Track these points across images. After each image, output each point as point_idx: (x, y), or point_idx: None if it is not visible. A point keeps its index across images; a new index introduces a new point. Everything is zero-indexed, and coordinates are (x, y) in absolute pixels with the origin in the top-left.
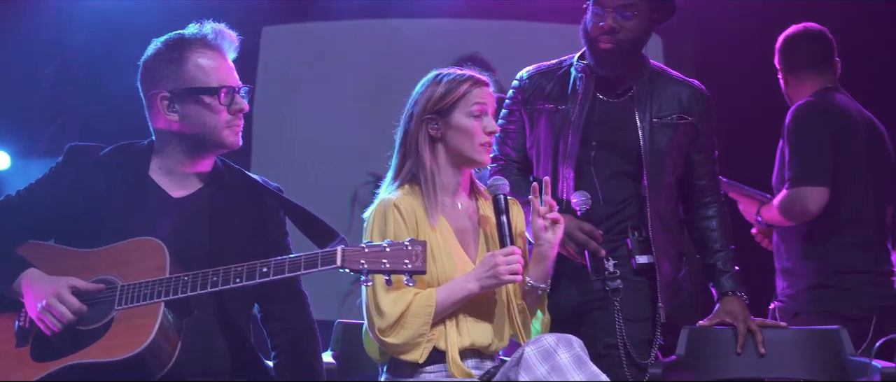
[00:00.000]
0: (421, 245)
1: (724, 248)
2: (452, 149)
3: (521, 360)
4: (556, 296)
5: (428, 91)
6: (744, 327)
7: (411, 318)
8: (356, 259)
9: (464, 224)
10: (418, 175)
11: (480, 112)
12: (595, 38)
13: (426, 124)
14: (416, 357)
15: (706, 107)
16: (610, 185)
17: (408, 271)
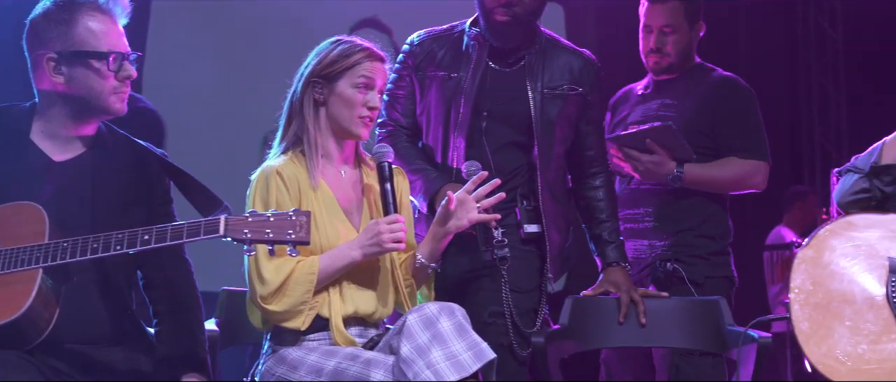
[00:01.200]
0: (305, 215)
1: (610, 218)
2: (332, 116)
3: (403, 328)
4: (444, 266)
5: (321, 55)
6: (627, 297)
7: (293, 285)
8: (239, 228)
9: (348, 192)
10: (302, 139)
11: (365, 85)
12: (491, 10)
13: (312, 87)
14: (298, 324)
15: (596, 78)
16: (500, 154)
17: (291, 241)
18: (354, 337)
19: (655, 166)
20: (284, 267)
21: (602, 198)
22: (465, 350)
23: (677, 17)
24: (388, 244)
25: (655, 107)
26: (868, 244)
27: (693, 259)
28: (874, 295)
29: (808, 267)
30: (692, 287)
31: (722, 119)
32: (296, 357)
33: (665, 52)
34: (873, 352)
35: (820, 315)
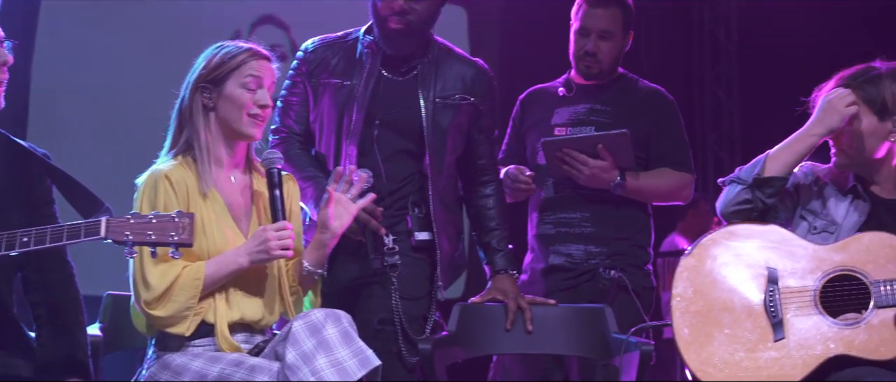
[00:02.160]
0: (188, 217)
1: (499, 227)
2: (222, 119)
3: (288, 334)
4: (334, 271)
5: (206, 60)
6: (514, 304)
7: (179, 291)
8: (121, 230)
9: (237, 198)
10: (193, 145)
11: (254, 84)
12: (385, 18)
13: (200, 92)
14: (182, 329)
15: (489, 88)
16: (392, 162)
17: (174, 243)
18: (240, 344)
19: (601, 172)
20: (170, 272)
21: (492, 207)
22: (351, 356)
23: (615, 23)
24: (275, 251)
25: (584, 111)
26: (748, 254)
27: (632, 268)
28: (753, 304)
29: (690, 275)
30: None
31: (657, 130)
32: (180, 363)
33: (599, 58)
34: (749, 360)
35: (700, 322)
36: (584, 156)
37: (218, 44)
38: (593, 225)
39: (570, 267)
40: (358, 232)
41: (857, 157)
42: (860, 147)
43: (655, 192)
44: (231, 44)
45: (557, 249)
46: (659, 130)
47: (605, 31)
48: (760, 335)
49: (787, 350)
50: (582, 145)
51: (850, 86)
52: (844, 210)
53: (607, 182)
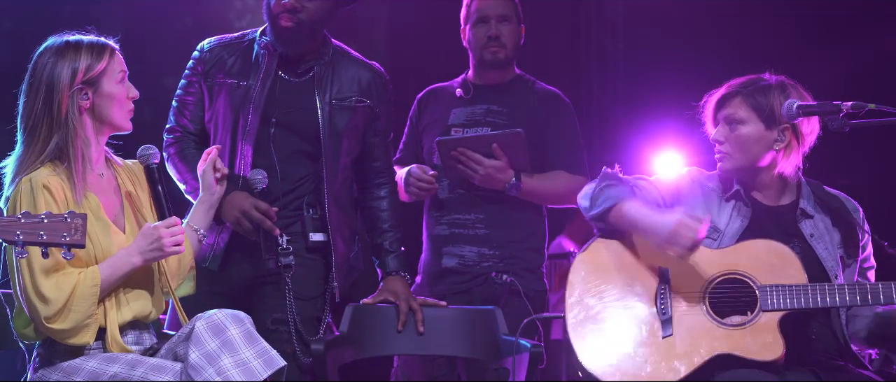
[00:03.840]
0: (81, 218)
1: (392, 229)
2: (100, 117)
3: (191, 335)
4: (228, 271)
5: (68, 60)
6: (405, 305)
7: (78, 301)
8: (11, 229)
9: (110, 197)
10: (67, 150)
11: (123, 77)
12: (276, 15)
13: (76, 96)
14: (86, 340)
15: (384, 91)
16: (288, 163)
17: (66, 244)
18: (130, 345)
19: (496, 172)
20: (65, 283)
21: (386, 209)
22: (255, 357)
23: (509, 8)
24: (169, 248)
25: (481, 112)
26: (641, 254)
27: (524, 272)
28: (643, 302)
29: (584, 272)
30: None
31: (552, 133)
32: (72, 364)
33: (502, 42)
34: (638, 355)
35: (591, 317)
36: (479, 155)
37: (61, 41)
38: (487, 226)
39: (463, 271)
40: (252, 232)
41: (741, 161)
42: (746, 151)
43: (550, 194)
44: (81, 38)
45: (451, 250)
46: (554, 132)
47: (503, 16)
48: (649, 331)
49: (673, 347)
50: (477, 144)
51: (741, 93)
52: (727, 216)
53: (502, 182)
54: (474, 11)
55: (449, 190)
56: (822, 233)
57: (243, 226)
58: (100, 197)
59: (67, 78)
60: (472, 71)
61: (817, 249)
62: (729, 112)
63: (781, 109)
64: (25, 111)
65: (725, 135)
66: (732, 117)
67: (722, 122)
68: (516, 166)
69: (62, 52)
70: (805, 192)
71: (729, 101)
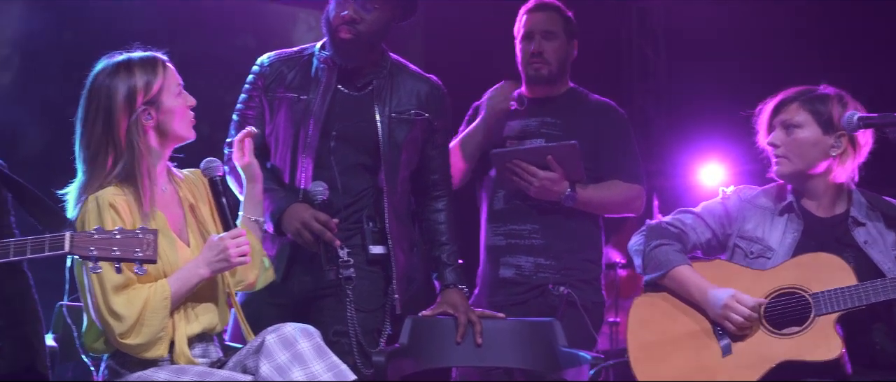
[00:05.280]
0: (152, 233)
1: (450, 242)
2: (164, 133)
3: (262, 347)
4: (289, 283)
5: (124, 82)
6: (464, 317)
7: (150, 316)
8: (85, 245)
9: (175, 211)
10: (133, 172)
11: (181, 90)
12: (336, 28)
13: (140, 117)
14: (159, 353)
15: (442, 104)
16: (348, 176)
17: (138, 259)
18: (197, 357)
19: (551, 184)
20: (136, 298)
21: (443, 221)
22: (326, 370)
23: (556, 24)
24: (235, 259)
25: (536, 124)
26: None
27: (581, 283)
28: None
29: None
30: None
31: (607, 143)
32: (142, 374)
33: (546, 58)
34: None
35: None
36: (534, 167)
37: (113, 63)
38: (543, 237)
39: (521, 281)
40: (313, 244)
41: (798, 165)
42: (802, 156)
43: (606, 204)
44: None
45: (507, 260)
46: (609, 143)
47: (547, 31)
48: (710, 353)
49: (734, 363)
50: (532, 156)
51: (798, 99)
52: (780, 232)
53: (557, 194)
54: (523, 26)
55: (505, 201)
56: (876, 238)
57: (304, 238)
58: (164, 212)
59: (125, 99)
60: (523, 84)
61: (872, 254)
62: (786, 117)
63: (841, 120)
64: (85, 138)
65: (782, 139)
66: (789, 121)
67: (778, 127)
68: (571, 177)
69: (115, 73)
70: (856, 201)
71: (786, 106)
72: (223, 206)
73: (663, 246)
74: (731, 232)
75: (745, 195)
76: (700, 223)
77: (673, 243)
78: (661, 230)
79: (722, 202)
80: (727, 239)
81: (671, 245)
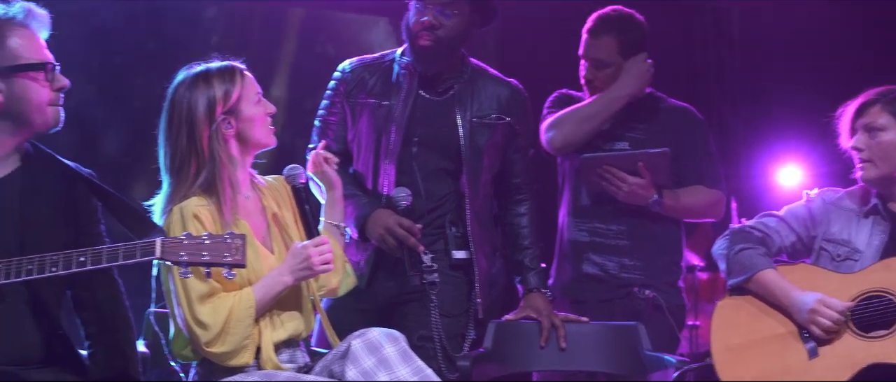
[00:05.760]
0: (240, 238)
1: (532, 245)
2: (245, 141)
3: (348, 353)
4: (373, 289)
5: (203, 93)
6: (548, 321)
7: (235, 324)
8: (176, 250)
9: (257, 219)
10: (215, 182)
11: (260, 98)
12: (416, 34)
13: (220, 126)
14: (245, 360)
15: (523, 108)
16: (430, 181)
17: (228, 264)
18: (284, 363)
19: (640, 189)
20: (221, 307)
21: (526, 225)
22: (411, 375)
23: (610, 52)
24: (318, 267)
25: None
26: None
27: (666, 286)
28: (788, 332)
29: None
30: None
31: (687, 148)
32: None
33: (595, 85)
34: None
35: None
36: (624, 173)
37: (192, 74)
38: (629, 238)
39: (605, 279)
40: (397, 249)
41: (884, 169)
42: (887, 159)
43: (690, 209)
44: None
45: (590, 257)
46: (689, 148)
47: (598, 61)
48: (797, 358)
49: (821, 367)
50: (621, 162)
51: (880, 101)
52: (866, 234)
53: (645, 199)
54: (582, 43)
55: (590, 199)
56: None
57: (388, 244)
58: (248, 220)
59: (205, 110)
60: None
61: None
62: (868, 120)
63: None
64: (169, 150)
65: (865, 143)
66: (872, 125)
67: (861, 131)
68: (658, 183)
69: (194, 84)
70: None
71: (867, 110)
72: (306, 213)
73: (747, 249)
74: (816, 234)
75: (829, 197)
76: (784, 226)
77: (757, 247)
78: (746, 234)
79: (806, 205)
80: (812, 242)
81: (755, 249)
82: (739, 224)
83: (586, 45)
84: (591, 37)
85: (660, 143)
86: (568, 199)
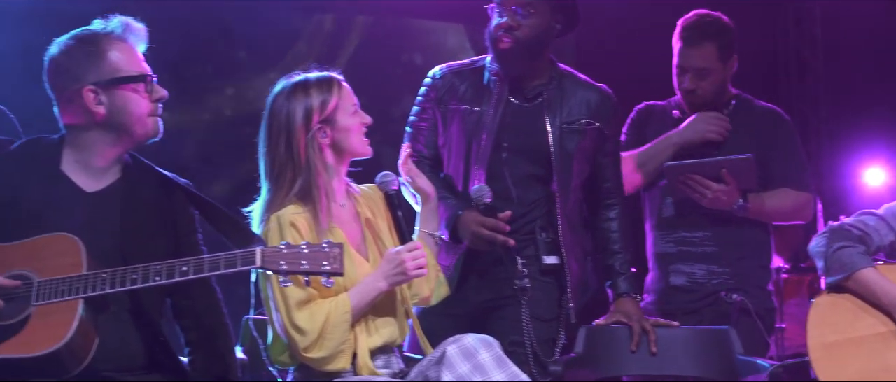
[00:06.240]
0: (338, 247)
1: (622, 250)
2: (340, 150)
3: (443, 358)
4: (465, 294)
5: (300, 102)
6: (638, 326)
7: (332, 329)
8: (275, 259)
9: (352, 226)
10: (311, 189)
11: (357, 109)
12: (496, 38)
13: (316, 135)
14: (342, 365)
15: (613, 112)
16: (521, 187)
17: (326, 272)
18: (379, 369)
19: (724, 195)
20: (318, 313)
21: (616, 230)
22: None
23: (711, 59)
24: (412, 271)
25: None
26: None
27: (755, 290)
28: (887, 330)
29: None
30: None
31: (775, 151)
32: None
33: (698, 93)
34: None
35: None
36: (708, 180)
37: (290, 84)
38: (715, 244)
39: (693, 289)
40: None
41: None
42: None
43: (777, 212)
44: (308, 77)
45: (679, 268)
46: (777, 151)
47: (700, 69)
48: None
49: None
50: (705, 169)
51: None
52: None
53: (729, 204)
54: (676, 55)
55: (675, 209)
56: None
57: (478, 244)
58: (343, 228)
59: (302, 118)
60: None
61: None
62: None
63: None
64: (269, 157)
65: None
66: None
67: None
68: (743, 187)
69: (292, 94)
70: None
71: None
72: (399, 220)
73: (847, 248)
74: None
75: None
76: (883, 225)
77: (857, 245)
78: (844, 232)
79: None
80: None
81: (855, 247)
82: (838, 222)
83: (684, 55)
84: (688, 46)
85: (746, 146)
86: (651, 212)
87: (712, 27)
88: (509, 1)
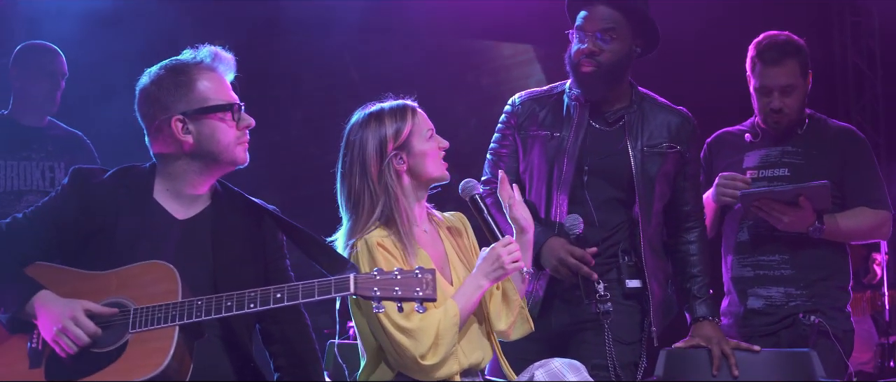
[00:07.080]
0: (430, 272)
1: (701, 273)
2: (417, 175)
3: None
4: (547, 318)
5: (374, 132)
6: (718, 349)
7: (444, 334)
8: (368, 286)
9: (435, 249)
10: (392, 214)
11: (431, 132)
12: (577, 62)
13: (392, 161)
14: (454, 369)
15: (693, 136)
16: (603, 211)
17: (419, 298)
18: None
19: (800, 219)
20: (428, 319)
21: (695, 253)
22: None
23: (794, 76)
24: (509, 265)
25: (777, 153)
26: None
27: (833, 312)
28: None
29: None
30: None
31: (850, 170)
32: None
33: (785, 112)
34: None
35: None
36: (783, 205)
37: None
38: (792, 267)
39: (771, 312)
40: (571, 278)
41: None
42: None
43: (854, 232)
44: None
45: (756, 292)
46: (853, 170)
47: (786, 87)
48: None
49: None
50: (781, 197)
51: None
52: None
53: (805, 227)
54: (756, 77)
55: (750, 232)
56: None
57: (562, 272)
58: (428, 252)
59: (375, 148)
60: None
61: None
62: None
63: None
64: (346, 189)
65: None
66: None
67: None
68: (818, 208)
69: (367, 124)
70: None
71: None
72: (488, 221)
73: None
74: None
75: None
76: None
77: None
78: None
79: None
80: None
81: None
82: None
83: (766, 75)
84: (770, 65)
85: (820, 166)
86: (727, 237)
87: (790, 45)
88: (591, 26)
